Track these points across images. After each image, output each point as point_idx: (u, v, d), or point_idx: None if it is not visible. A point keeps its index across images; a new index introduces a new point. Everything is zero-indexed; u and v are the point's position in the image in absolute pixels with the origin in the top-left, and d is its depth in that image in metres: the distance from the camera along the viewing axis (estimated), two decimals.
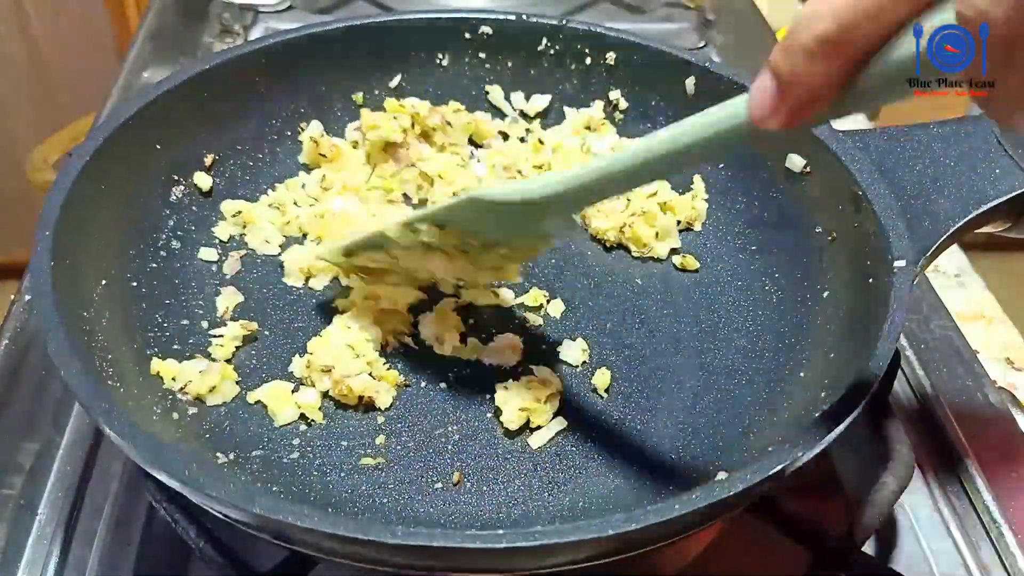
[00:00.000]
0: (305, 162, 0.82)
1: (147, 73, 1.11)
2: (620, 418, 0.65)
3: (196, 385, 0.63)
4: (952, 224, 0.62)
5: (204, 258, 0.74)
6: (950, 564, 0.66)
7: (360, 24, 0.82)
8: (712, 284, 0.76)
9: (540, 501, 0.60)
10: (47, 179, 1.10)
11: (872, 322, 0.58)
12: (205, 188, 0.76)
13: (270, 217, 0.77)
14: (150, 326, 0.66)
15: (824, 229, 0.70)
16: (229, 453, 0.60)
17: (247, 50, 0.78)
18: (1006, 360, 0.87)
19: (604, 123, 0.85)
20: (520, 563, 0.46)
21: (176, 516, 0.57)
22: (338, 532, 0.43)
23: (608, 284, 0.76)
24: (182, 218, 0.74)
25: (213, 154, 0.77)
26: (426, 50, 0.85)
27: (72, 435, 0.69)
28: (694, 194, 0.81)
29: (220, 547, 0.56)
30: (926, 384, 0.77)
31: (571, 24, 0.83)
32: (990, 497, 0.68)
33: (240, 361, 0.67)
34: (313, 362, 0.65)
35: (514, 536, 0.43)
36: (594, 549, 0.46)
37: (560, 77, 0.86)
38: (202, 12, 1.24)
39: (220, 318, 0.70)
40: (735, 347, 0.70)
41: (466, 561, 0.46)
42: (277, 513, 0.44)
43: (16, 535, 0.63)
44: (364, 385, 0.64)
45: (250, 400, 0.64)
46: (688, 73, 0.80)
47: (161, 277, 0.69)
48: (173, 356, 0.65)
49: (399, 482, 0.60)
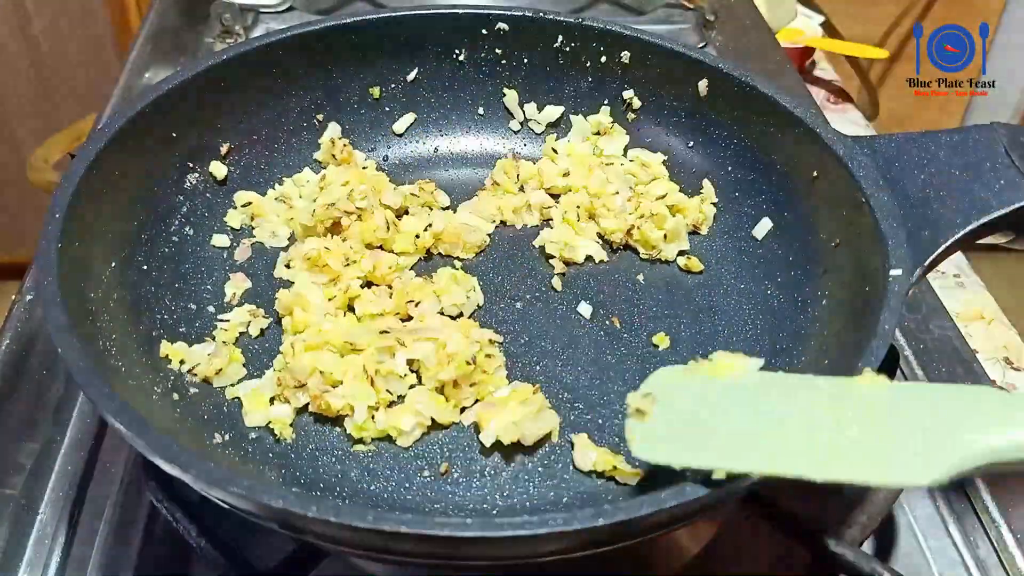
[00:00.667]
0: (319, 159, 0.84)
1: (148, 74, 1.12)
2: (608, 415, 0.66)
3: (204, 367, 0.65)
4: (952, 234, 0.62)
5: (216, 244, 0.76)
6: (949, 563, 0.66)
7: (377, 18, 0.83)
8: (715, 287, 0.76)
9: (526, 494, 0.61)
10: (48, 179, 1.11)
11: (864, 330, 0.58)
12: (220, 177, 0.78)
13: (277, 210, 0.78)
14: (158, 309, 0.68)
15: (828, 236, 0.70)
16: (225, 434, 0.61)
17: (266, 42, 0.79)
18: (1005, 360, 0.86)
19: (613, 127, 0.85)
20: (487, 552, 0.47)
21: (177, 515, 0.57)
22: (309, 513, 0.44)
23: (610, 282, 0.76)
24: (196, 205, 0.76)
25: (229, 143, 0.78)
26: (443, 45, 0.86)
27: (72, 435, 0.70)
28: (703, 198, 0.81)
29: (221, 546, 0.57)
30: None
31: (587, 22, 0.84)
32: (988, 496, 0.67)
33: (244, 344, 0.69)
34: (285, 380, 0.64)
35: (481, 525, 0.45)
36: (561, 543, 0.46)
37: (575, 75, 0.86)
38: (203, 13, 1.24)
39: (227, 303, 0.72)
40: (732, 350, 0.70)
41: (435, 547, 0.47)
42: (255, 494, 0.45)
43: (17, 535, 0.64)
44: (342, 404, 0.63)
45: (228, 396, 0.65)
46: (702, 75, 0.80)
47: (172, 261, 0.71)
48: (179, 339, 0.67)
49: (388, 469, 0.61)
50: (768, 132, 0.76)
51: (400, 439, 0.63)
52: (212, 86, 0.76)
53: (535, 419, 0.63)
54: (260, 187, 0.80)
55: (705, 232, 0.80)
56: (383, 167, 0.86)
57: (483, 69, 0.87)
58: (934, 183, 0.65)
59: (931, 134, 0.68)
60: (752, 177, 0.79)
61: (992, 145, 0.66)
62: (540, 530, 0.44)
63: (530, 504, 0.60)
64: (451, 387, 0.65)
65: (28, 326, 0.76)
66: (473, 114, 0.89)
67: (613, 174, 0.82)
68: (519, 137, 0.89)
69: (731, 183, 0.80)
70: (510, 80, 0.87)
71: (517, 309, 0.74)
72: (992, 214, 0.62)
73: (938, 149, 0.67)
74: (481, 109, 0.88)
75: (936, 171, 0.66)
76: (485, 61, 0.87)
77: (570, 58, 0.85)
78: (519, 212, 0.83)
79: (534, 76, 0.87)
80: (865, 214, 0.64)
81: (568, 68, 0.86)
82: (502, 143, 0.89)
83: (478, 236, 0.79)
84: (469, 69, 0.87)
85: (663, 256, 0.79)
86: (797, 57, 1.38)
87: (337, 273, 0.72)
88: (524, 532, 0.44)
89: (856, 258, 0.66)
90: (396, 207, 0.79)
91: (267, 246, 0.77)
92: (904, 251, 0.60)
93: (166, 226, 0.73)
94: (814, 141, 0.71)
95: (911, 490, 0.67)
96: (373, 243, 0.76)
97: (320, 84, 0.83)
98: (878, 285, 0.60)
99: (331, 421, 0.64)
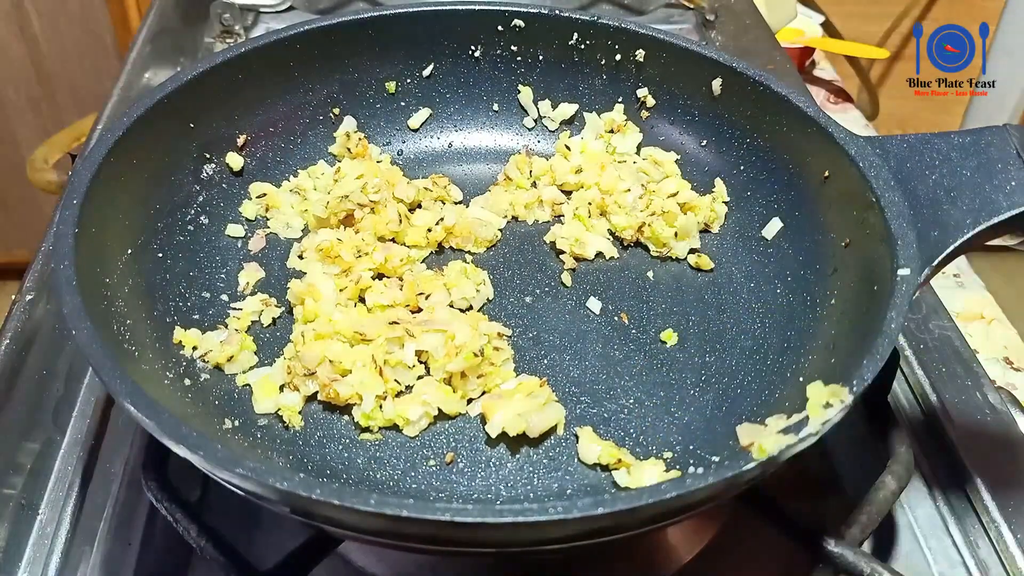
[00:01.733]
0: (334, 152, 0.84)
1: (148, 74, 1.12)
2: (614, 410, 0.66)
3: (216, 354, 0.66)
4: (961, 235, 0.62)
5: (231, 234, 0.77)
6: (949, 563, 0.66)
7: (394, 14, 0.84)
8: (724, 285, 0.76)
9: (530, 485, 0.61)
10: (48, 179, 1.11)
11: (871, 329, 0.58)
12: (236, 168, 0.79)
13: (292, 202, 0.79)
14: (172, 296, 0.69)
15: (838, 235, 0.70)
16: (235, 420, 0.62)
17: (284, 35, 0.80)
18: (1005, 360, 0.86)
19: (626, 124, 0.86)
20: (488, 538, 0.48)
21: (177, 515, 0.57)
22: (313, 495, 0.45)
23: (620, 278, 0.77)
24: (212, 195, 0.77)
25: (246, 135, 0.79)
26: (459, 41, 0.86)
27: (72, 435, 0.70)
28: (715, 196, 0.81)
29: (221, 546, 0.56)
30: (925, 384, 0.76)
31: (602, 20, 0.84)
32: (989, 496, 0.67)
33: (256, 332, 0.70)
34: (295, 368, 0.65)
35: (481, 511, 0.45)
36: (562, 530, 0.47)
37: (589, 72, 0.86)
38: (203, 13, 1.25)
39: (240, 292, 0.73)
40: (740, 348, 0.70)
41: (437, 532, 0.47)
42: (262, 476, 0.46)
43: (17, 535, 0.64)
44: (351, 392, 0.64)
45: (239, 383, 0.66)
46: (716, 74, 0.80)
47: (187, 250, 0.72)
48: (192, 326, 0.68)
49: (394, 458, 0.62)
50: (781, 131, 0.76)
51: (407, 428, 0.63)
52: (231, 78, 0.77)
53: (541, 411, 0.63)
54: (275, 179, 0.81)
55: (716, 230, 0.81)
56: (397, 161, 0.87)
57: (498, 66, 0.88)
58: (944, 184, 0.65)
59: (942, 135, 0.68)
60: (764, 176, 0.79)
61: (1003, 147, 0.65)
62: (541, 517, 0.45)
63: (534, 495, 0.60)
64: (458, 378, 0.65)
65: (28, 326, 0.76)
66: (488, 110, 0.89)
67: (625, 171, 0.83)
68: (533, 134, 0.89)
69: (743, 182, 0.81)
70: (525, 77, 0.88)
71: (526, 303, 0.75)
72: (1002, 215, 0.62)
73: (949, 150, 0.67)
74: (496, 105, 0.89)
75: (947, 172, 0.66)
76: (500, 58, 0.87)
77: (585, 56, 0.86)
78: (531, 207, 0.83)
79: (549, 73, 0.87)
80: (875, 214, 0.64)
81: (583, 65, 0.86)
82: (516, 139, 0.89)
83: (489, 231, 0.80)
84: (484, 65, 0.88)
85: (673, 253, 0.79)
86: (797, 57, 1.38)
87: (349, 264, 0.72)
88: (525, 519, 0.45)
89: (865, 258, 0.66)
90: (409, 201, 0.80)
91: (281, 237, 0.78)
92: (913, 251, 0.61)
93: (182, 215, 0.74)
94: (826, 141, 0.71)
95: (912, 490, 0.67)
96: (385, 236, 0.77)
97: (336, 78, 0.84)
98: (886, 285, 0.60)
99: (339, 409, 0.65)
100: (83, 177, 0.62)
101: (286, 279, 0.74)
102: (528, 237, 0.81)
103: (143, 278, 0.66)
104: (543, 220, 0.83)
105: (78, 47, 1.90)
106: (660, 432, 0.65)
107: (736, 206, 0.81)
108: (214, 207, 0.77)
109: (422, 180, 0.82)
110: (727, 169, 0.82)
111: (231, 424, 0.62)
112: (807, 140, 0.73)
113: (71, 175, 0.63)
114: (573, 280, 0.77)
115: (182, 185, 0.75)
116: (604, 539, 0.50)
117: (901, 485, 0.62)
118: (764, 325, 0.72)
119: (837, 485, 0.70)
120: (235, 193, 0.79)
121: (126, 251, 0.65)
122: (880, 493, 0.61)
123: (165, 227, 0.71)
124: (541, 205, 0.83)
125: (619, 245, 0.80)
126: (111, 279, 0.62)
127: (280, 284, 0.73)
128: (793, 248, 0.75)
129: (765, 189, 0.79)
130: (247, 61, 0.78)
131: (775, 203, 0.78)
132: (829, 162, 0.71)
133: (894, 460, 0.63)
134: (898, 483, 0.62)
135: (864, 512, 0.60)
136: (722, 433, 0.64)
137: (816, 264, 0.72)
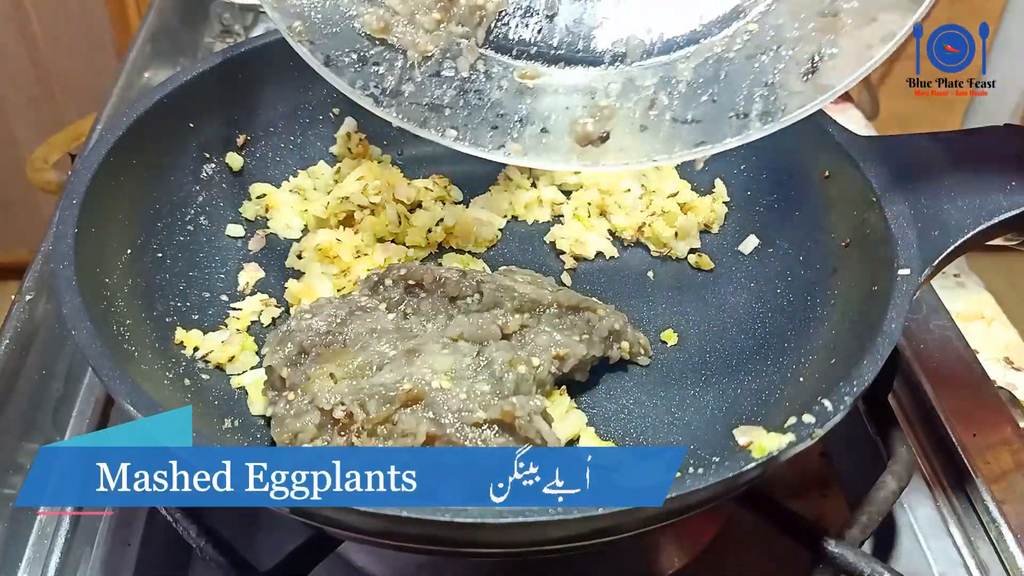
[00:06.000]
0: (335, 153, 0.84)
1: (148, 73, 1.12)
2: (615, 410, 0.66)
3: (217, 354, 0.66)
4: (961, 235, 0.62)
5: (231, 234, 0.77)
6: (949, 563, 0.66)
7: None
8: (724, 285, 0.76)
9: None
10: (48, 179, 1.10)
11: (871, 329, 0.58)
12: (236, 167, 0.79)
13: (291, 202, 0.79)
14: (171, 296, 0.69)
15: (838, 235, 0.70)
16: (234, 420, 0.62)
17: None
18: (1005, 360, 0.86)
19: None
20: (488, 539, 0.48)
21: (177, 515, 0.57)
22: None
23: (620, 278, 0.77)
24: (211, 195, 0.77)
25: (246, 135, 0.80)
26: None
27: (72, 435, 0.70)
28: (715, 197, 0.81)
29: (221, 546, 0.56)
30: (925, 384, 0.76)
31: None
32: (989, 496, 0.67)
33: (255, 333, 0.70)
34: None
35: (481, 512, 0.45)
36: (561, 531, 0.47)
37: None
38: (202, 12, 1.25)
39: (240, 292, 0.73)
40: (740, 348, 0.70)
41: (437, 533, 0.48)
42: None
43: (16, 535, 0.63)
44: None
45: (234, 385, 0.66)
46: None
47: (186, 250, 0.73)
48: (192, 326, 0.68)
49: None
50: (781, 131, 0.76)
51: None
52: (231, 77, 0.77)
53: (564, 420, 0.63)
54: (275, 179, 0.81)
55: (716, 230, 0.81)
56: (398, 161, 0.87)
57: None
58: (945, 183, 0.65)
59: (942, 135, 0.68)
60: (764, 176, 0.79)
61: (1003, 147, 0.66)
62: (540, 517, 0.45)
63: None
64: None
65: (28, 326, 0.76)
66: None
67: (625, 171, 0.83)
68: None
69: (743, 182, 0.81)
70: None
71: None
72: (1002, 215, 0.62)
73: (949, 150, 0.67)
74: None
75: (947, 172, 0.66)
76: None
77: None
78: (531, 208, 0.83)
79: None
80: (875, 214, 0.65)
81: None
82: None
83: (490, 231, 0.80)
84: None
85: (673, 253, 0.79)
86: None
87: (347, 265, 0.72)
88: (524, 519, 0.45)
89: (865, 257, 0.66)
90: (409, 201, 0.79)
91: (281, 237, 0.78)
92: (914, 251, 0.61)
93: (182, 215, 0.74)
94: (826, 141, 0.71)
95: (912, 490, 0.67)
96: (385, 236, 0.77)
97: None
98: (886, 284, 0.60)
99: None
100: (83, 177, 0.62)
101: (285, 279, 0.74)
102: (528, 237, 0.81)
103: (143, 278, 0.66)
104: (543, 220, 0.83)
105: (78, 47, 1.89)
106: (660, 432, 0.65)
107: (737, 206, 0.81)
108: (214, 207, 0.77)
109: (422, 180, 0.82)
110: (727, 169, 0.82)
111: (230, 424, 0.62)
112: (807, 140, 0.73)
113: (71, 175, 0.63)
114: (573, 280, 0.77)
115: (182, 185, 0.75)
116: (604, 539, 0.50)
117: (901, 485, 0.62)
118: (764, 324, 0.72)
119: (837, 485, 0.70)
120: (235, 193, 0.79)
121: (126, 251, 0.66)
122: (880, 493, 0.61)
123: (165, 227, 0.71)
124: (541, 205, 0.83)
125: (619, 245, 0.80)
126: (111, 279, 0.62)
127: (280, 284, 0.74)
128: (793, 248, 0.75)
129: (765, 189, 0.79)
130: (247, 61, 0.78)
131: (775, 203, 0.78)
132: (829, 162, 0.71)
133: (894, 460, 0.63)
134: (898, 483, 0.62)
135: (864, 512, 0.60)
136: (722, 433, 0.64)
137: (816, 264, 0.72)
